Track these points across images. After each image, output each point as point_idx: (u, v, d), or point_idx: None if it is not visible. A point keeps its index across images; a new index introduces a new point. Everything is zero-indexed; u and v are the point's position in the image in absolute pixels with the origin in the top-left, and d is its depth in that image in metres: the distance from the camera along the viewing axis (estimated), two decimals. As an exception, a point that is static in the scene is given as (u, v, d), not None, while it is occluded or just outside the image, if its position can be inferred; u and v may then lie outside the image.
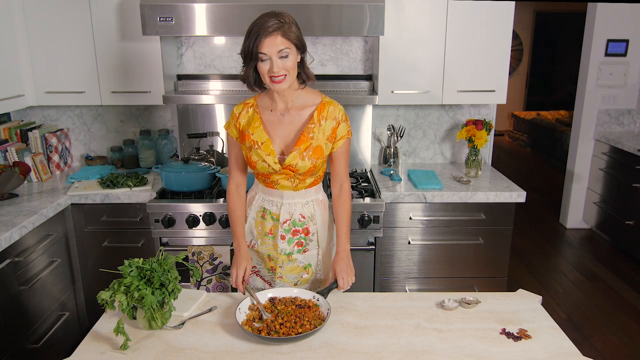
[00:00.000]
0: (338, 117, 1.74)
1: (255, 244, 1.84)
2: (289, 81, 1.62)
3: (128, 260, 1.44)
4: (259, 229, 1.82)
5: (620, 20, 4.01)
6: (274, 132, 1.72)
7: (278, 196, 1.77)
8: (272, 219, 1.79)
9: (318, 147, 1.69)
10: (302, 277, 1.84)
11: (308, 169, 1.70)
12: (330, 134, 1.72)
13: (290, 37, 1.57)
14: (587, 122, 4.29)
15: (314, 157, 1.69)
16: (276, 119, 1.72)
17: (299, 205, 1.78)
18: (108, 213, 2.57)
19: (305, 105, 1.72)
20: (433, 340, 1.41)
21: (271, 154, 1.68)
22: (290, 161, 1.67)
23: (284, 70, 1.58)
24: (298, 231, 1.79)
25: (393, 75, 2.71)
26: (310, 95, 1.74)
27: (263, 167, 1.70)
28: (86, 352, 1.37)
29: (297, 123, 1.71)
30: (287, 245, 1.79)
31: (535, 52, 9.07)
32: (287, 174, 1.72)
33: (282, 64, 1.57)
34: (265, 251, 1.82)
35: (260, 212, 1.81)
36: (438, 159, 3.21)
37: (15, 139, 2.81)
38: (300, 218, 1.78)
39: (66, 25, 2.62)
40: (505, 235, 2.64)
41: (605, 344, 2.84)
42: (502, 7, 2.64)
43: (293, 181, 1.74)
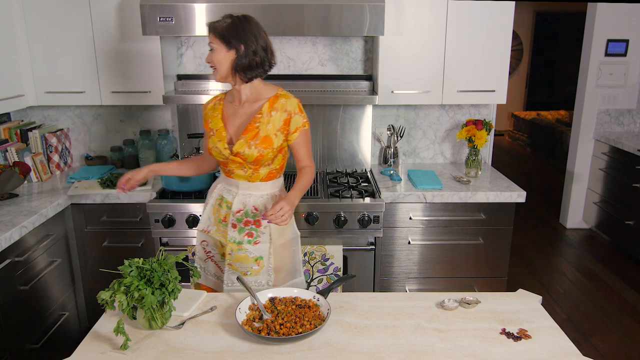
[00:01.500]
0: (290, 110, 1.83)
1: (211, 229, 1.95)
2: (219, 73, 1.79)
3: (128, 260, 1.44)
4: (215, 216, 1.94)
5: (620, 20, 4.01)
6: (230, 122, 1.87)
7: (235, 186, 1.89)
8: (227, 207, 1.90)
9: (266, 137, 1.80)
10: (253, 269, 1.91)
11: (255, 158, 1.80)
12: (282, 126, 1.82)
13: (216, 33, 1.75)
14: (587, 122, 4.29)
15: (262, 147, 1.79)
16: (233, 110, 1.88)
17: (253, 197, 1.88)
18: (108, 213, 2.57)
19: (259, 98, 1.85)
20: (433, 340, 1.41)
21: (222, 140, 1.83)
22: (238, 148, 1.80)
23: (212, 63, 1.77)
24: (250, 222, 1.88)
25: (393, 75, 2.71)
26: (266, 89, 1.87)
27: (216, 152, 1.85)
28: (86, 352, 1.37)
29: (249, 114, 1.85)
30: (238, 234, 1.88)
31: (535, 52, 9.07)
32: (238, 162, 1.84)
33: (210, 57, 1.77)
34: (218, 238, 1.93)
35: (218, 200, 1.93)
36: (438, 159, 3.21)
37: (15, 139, 2.81)
38: (253, 210, 1.88)
39: (66, 25, 2.62)
40: (505, 235, 2.64)
41: (605, 344, 2.84)
42: (502, 7, 2.64)
43: (246, 171, 1.86)
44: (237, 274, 1.87)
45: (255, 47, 1.76)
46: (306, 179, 1.89)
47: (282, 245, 1.94)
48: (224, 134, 1.84)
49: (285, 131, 1.83)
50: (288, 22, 2.43)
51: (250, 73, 1.79)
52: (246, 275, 1.92)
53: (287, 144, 1.88)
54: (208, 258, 2.00)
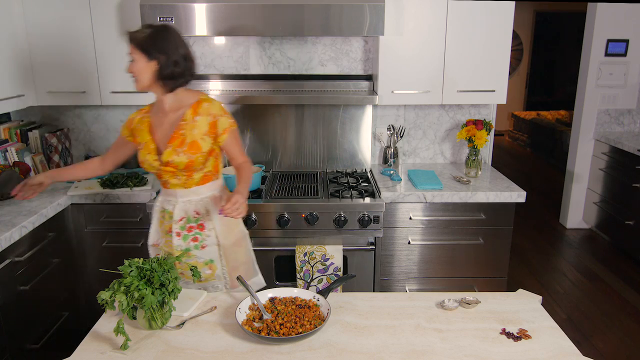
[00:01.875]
0: (214, 113, 1.85)
1: (160, 242, 1.97)
2: (140, 83, 1.79)
3: (128, 260, 1.44)
4: (161, 228, 1.95)
5: (620, 20, 4.01)
6: (157, 132, 1.87)
7: (173, 195, 1.90)
8: (169, 218, 1.91)
9: (194, 142, 1.81)
10: (205, 273, 1.92)
11: (186, 164, 1.81)
12: (208, 130, 1.83)
13: (136, 44, 1.75)
14: (587, 122, 4.29)
15: (190, 152, 1.80)
16: (159, 120, 1.88)
17: (192, 203, 1.89)
18: (108, 213, 2.57)
19: (182, 105, 1.86)
20: (433, 340, 1.41)
21: (151, 153, 1.85)
22: (166, 157, 1.81)
23: (133, 73, 1.78)
24: (193, 227, 1.89)
25: (393, 75, 2.71)
26: (188, 96, 1.87)
27: (147, 165, 1.86)
28: (86, 352, 1.37)
29: (174, 122, 1.85)
30: (183, 241, 1.89)
31: (535, 52, 9.07)
32: (170, 171, 1.84)
33: (131, 67, 1.78)
34: (167, 249, 1.93)
35: (162, 213, 1.94)
36: (438, 159, 3.21)
37: (15, 139, 2.81)
38: (194, 215, 1.89)
39: (66, 24, 2.62)
40: (505, 235, 2.64)
41: (605, 344, 2.84)
42: (502, 7, 2.64)
43: (180, 178, 1.86)
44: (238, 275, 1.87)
45: (176, 57, 1.77)
46: (248, 173, 1.91)
47: (233, 244, 1.95)
48: (152, 146, 1.85)
49: (212, 134, 1.84)
50: (288, 22, 2.43)
51: (172, 83, 1.81)
52: (201, 282, 1.92)
53: (217, 145, 1.89)
54: None
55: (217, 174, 1.94)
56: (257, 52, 2.98)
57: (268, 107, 2.98)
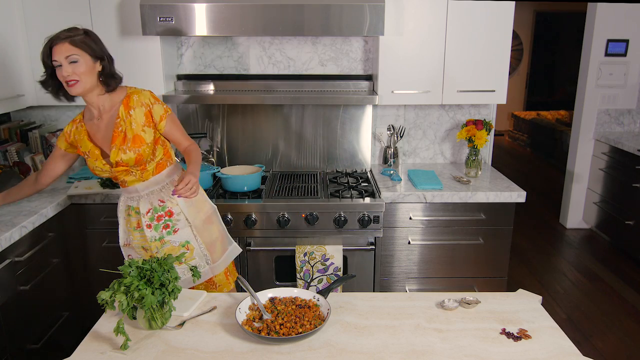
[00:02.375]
0: (146, 102, 1.86)
1: (130, 240, 1.98)
2: (82, 86, 1.74)
3: (128, 260, 1.44)
4: (128, 226, 1.96)
5: (620, 20, 4.01)
6: (97, 139, 1.87)
7: (134, 191, 1.91)
8: (136, 213, 1.92)
9: (136, 136, 1.81)
10: (185, 254, 1.93)
11: (135, 159, 1.81)
12: (145, 120, 1.84)
13: (78, 44, 1.72)
14: (587, 122, 4.29)
15: (135, 147, 1.81)
16: (95, 126, 1.87)
17: (155, 193, 1.91)
18: (108, 213, 2.57)
19: (114, 105, 1.86)
20: (433, 340, 1.41)
21: (98, 158, 1.85)
22: (114, 158, 1.81)
23: (75, 76, 1.72)
24: (161, 216, 1.91)
25: (393, 75, 2.71)
26: (117, 94, 1.87)
27: (99, 171, 1.87)
28: (86, 352, 1.37)
29: (111, 123, 1.85)
30: (155, 231, 1.91)
31: (535, 52, 9.07)
32: (123, 170, 1.85)
33: (72, 69, 1.71)
34: (139, 244, 1.95)
35: (127, 211, 1.95)
36: (438, 159, 3.21)
37: (15, 139, 2.81)
38: (159, 203, 1.91)
39: (66, 24, 2.61)
40: (505, 235, 2.64)
41: (605, 344, 2.84)
42: (502, 7, 2.64)
43: (135, 174, 1.87)
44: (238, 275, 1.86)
45: (109, 58, 1.82)
46: (196, 154, 1.92)
47: (204, 222, 1.98)
48: (97, 151, 1.85)
49: (150, 124, 1.86)
50: (288, 22, 2.43)
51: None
52: (181, 264, 1.91)
53: (159, 134, 1.90)
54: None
55: (171, 159, 1.97)
56: (257, 52, 2.98)
57: (268, 107, 2.98)
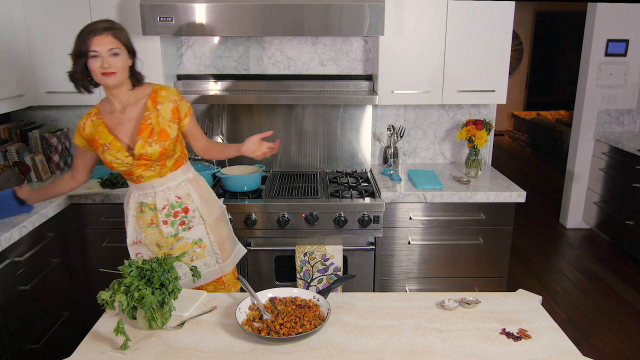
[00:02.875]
0: (174, 98, 1.88)
1: (141, 238, 1.95)
2: (117, 78, 1.77)
3: (128, 260, 1.44)
4: (140, 223, 1.93)
5: (620, 20, 4.01)
6: (119, 131, 1.85)
7: (149, 187, 1.89)
8: (150, 210, 1.91)
9: (162, 130, 1.83)
10: (196, 252, 1.95)
11: (159, 153, 1.82)
12: (171, 116, 1.86)
13: (119, 38, 1.76)
14: (587, 122, 4.29)
15: (161, 141, 1.82)
16: (117, 119, 1.86)
17: (172, 189, 1.90)
18: (108, 213, 2.57)
19: (139, 99, 1.87)
20: (433, 340, 1.41)
21: (120, 151, 1.82)
22: (139, 150, 1.80)
23: (114, 68, 1.74)
24: (178, 212, 1.91)
25: (393, 75, 2.72)
26: (142, 89, 1.88)
27: (118, 164, 1.83)
28: (86, 352, 1.37)
29: (136, 116, 1.85)
30: (171, 227, 1.90)
31: (535, 52, 9.07)
32: (144, 164, 1.84)
33: (112, 62, 1.74)
34: (153, 241, 1.93)
35: (139, 208, 1.93)
36: (438, 159, 3.21)
37: (15, 139, 2.81)
38: (176, 200, 1.91)
39: (66, 24, 2.62)
40: (505, 235, 2.64)
41: (605, 344, 2.84)
42: (502, 7, 2.64)
43: (154, 169, 1.86)
44: (238, 275, 1.87)
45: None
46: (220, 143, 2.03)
47: (215, 221, 1.99)
48: (119, 144, 1.83)
49: (176, 120, 1.87)
50: (288, 22, 2.43)
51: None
52: (193, 261, 1.94)
53: (180, 131, 1.92)
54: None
55: (186, 157, 1.98)
56: (257, 52, 2.98)
57: (268, 107, 2.98)
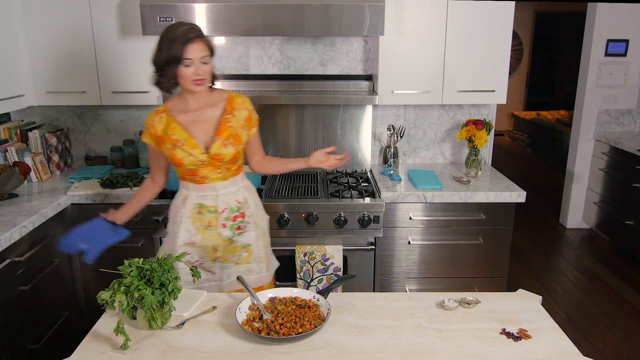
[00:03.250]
0: (248, 107, 1.94)
1: (195, 240, 1.93)
2: (206, 85, 1.82)
3: (128, 260, 1.44)
4: (197, 225, 1.92)
5: (620, 20, 4.01)
6: (194, 130, 1.87)
7: (211, 189, 1.90)
8: (210, 212, 1.91)
9: (237, 134, 1.88)
10: (242, 256, 1.97)
11: (232, 156, 1.86)
12: (244, 123, 1.91)
13: (208, 45, 1.79)
14: (587, 122, 4.29)
15: (236, 144, 1.87)
16: (193, 118, 1.88)
17: (232, 194, 1.93)
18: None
19: (216, 102, 1.91)
20: (433, 340, 1.41)
21: (195, 147, 1.83)
22: (215, 150, 1.83)
23: (204, 75, 1.78)
24: (237, 216, 1.93)
25: (393, 75, 2.72)
26: (218, 93, 1.93)
27: (190, 161, 1.83)
28: (86, 352, 1.37)
29: (213, 117, 1.89)
30: (229, 231, 1.92)
31: (535, 52, 9.07)
32: (213, 165, 1.86)
33: (204, 69, 1.78)
34: (210, 243, 1.93)
35: (197, 209, 1.92)
36: (438, 159, 3.21)
37: (15, 139, 2.81)
38: (236, 204, 1.93)
39: (66, 24, 2.62)
40: (505, 235, 2.64)
41: (605, 344, 2.84)
42: (502, 7, 2.64)
43: (221, 171, 1.89)
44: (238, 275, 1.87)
45: None
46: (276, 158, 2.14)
47: (264, 229, 2.03)
48: (195, 141, 1.84)
49: (247, 127, 1.92)
50: (288, 22, 2.43)
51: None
52: (237, 265, 1.96)
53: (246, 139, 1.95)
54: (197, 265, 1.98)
55: (243, 165, 2.01)
56: (257, 52, 2.98)
57: (268, 107, 2.97)
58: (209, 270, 1.98)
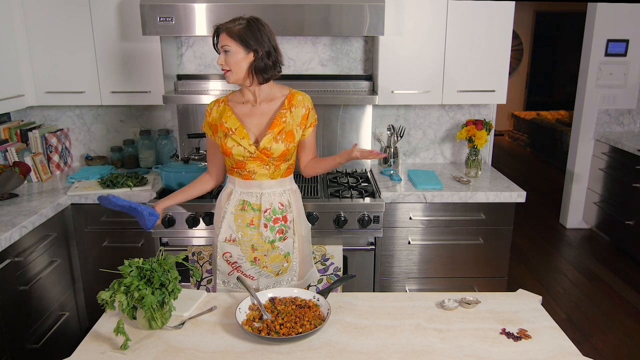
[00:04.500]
0: (308, 106, 1.89)
1: (236, 237, 1.90)
2: (233, 76, 1.77)
3: (128, 260, 1.44)
4: (238, 222, 1.89)
5: (620, 20, 4.01)
6: (247, 121, 1.86)
7: (257, 187, 1.87)
8: (253, 210, 1.87)
9: (290, 131, 1.84)
10: (283, 266, 1.92)
11: (282, 152, 1.82)
12: (301, 121, 1.87)
13: (232, 35, 1.73)
14: (587, 122, 4.29)
15: (287, 141, 1.83)
16: (248, 110, 1.87)
17: (277, 194, 1.88)
18: (108, 213, 2.57)
19: (275, 97, 1.88)
20: (433, 340, 1.41)
21: (245, 138, 1.81)
22: (265, 144, 1.80)
23: (226, 65, 1.76)
24: (279, 219, 1.88)
25: (393, 75, 2.72)
26: (279, 89, 1.90)
27: (238, 151, 1.81)
28: (86, 352, 1.37)
29: (269, 112, 1.86)
30: (270, 232, 1.87)
31: (535, 52, 9.07)
32: (261, 160, 1.82)
33: (225, 59, 1.76)
34: (249, 242, 1.88)
35: (240, 205, 1.88)
36: (438, 159, 3.21)
37: (15, 139, 2.81)
38: (279, 206, 1.89)
39: (66, 25, 2.62)
40: (505, 235, 2.64)
41: (605, 344, 2.84)
42: (502, 7, 2.64)
43: (269, 168, 1.85)
44: (238, 275, 1.87)
45: (269, 49, 1.78)
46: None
47: (304, 237, 1.98)
48: (245, 131, 1.82)
49: (303, 126, 1.88)
50: (288, 22, 2.43)
51: (267, 74, 1.81)
52: (278, 275, 1.92)
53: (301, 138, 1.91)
54: (233, 270, 1.93)
55: (293, 168, 1.96)
56: (257, 52, 2.98)
57: (268, 107, 2.97)
58: (248, 275, 1.92)
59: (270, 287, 1.91)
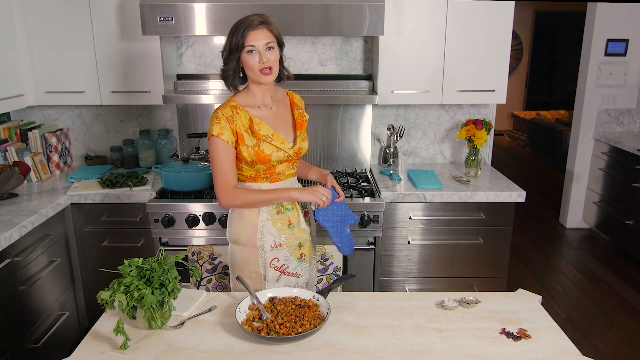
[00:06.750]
0: (303, 106, 1.93)
1: (280, 241, 1.83)
2: (274, 75, 1.73)
3: (128, 260, 1.44)
4: (278, 226, 1.82)
5: (620, 20, 4.01)
6: (274, 125, 1.80)
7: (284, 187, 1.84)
8: (288, 210, 1.84)
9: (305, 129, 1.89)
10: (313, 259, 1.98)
11: (307, 150, 1.86)
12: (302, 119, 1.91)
13: (273, 32, 1.70)
14: (587, 122, 4.29)
15: (307, 139, 1.88)
16: (268, 114, 1.81)
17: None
18: (108, 213, 2.57)
19: (281, 97, 1.89)
20: (433, 340, 1.41)
21: (285, 142, 1.77)
22: (299, 145, 1.81)
23: (271, 63, 1.69)
24: (307, 212, 1.92)
25: (393, 75, 2.72)
26: (279, 89, 1.90)
27: (279, 156, 1.76)
28: (86, 352, 1.37)
29: (285, 112, 1.86)
30: (307, 225, 1.90)
31: (535, 52, 9.07)
32: (292, 160, 1.83)
33: (269, 56, 1.68)
34: (295, 241, 1.85)
35: (275, 210, 1.81)
36: (438, 159, 3.21)
37: (15, 139, 2.81)
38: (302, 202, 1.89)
39: (66, 25, 2.62)
40: (505, 235, 2.64)
41: (605, 344, 2.84)
42: (502, 7, 2.64)
43: (294, 167, 1.87)
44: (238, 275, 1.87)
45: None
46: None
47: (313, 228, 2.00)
48: (283, 136, 1.77)
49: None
50: (288, 22, 2.43)
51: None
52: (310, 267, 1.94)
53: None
54: (282, 274, 1.86)
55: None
56: (257, 52, 2.98)
57: (268, 107, 2.97)
58: (294, 274, 1.88)
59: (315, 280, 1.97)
